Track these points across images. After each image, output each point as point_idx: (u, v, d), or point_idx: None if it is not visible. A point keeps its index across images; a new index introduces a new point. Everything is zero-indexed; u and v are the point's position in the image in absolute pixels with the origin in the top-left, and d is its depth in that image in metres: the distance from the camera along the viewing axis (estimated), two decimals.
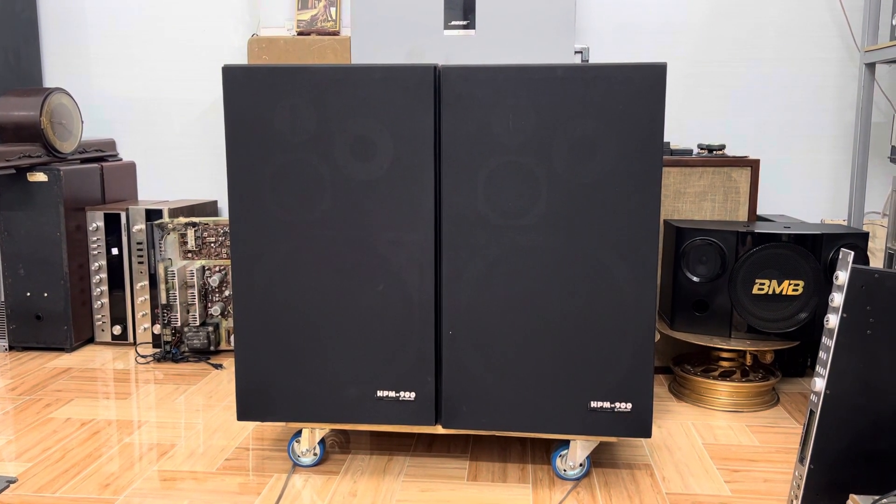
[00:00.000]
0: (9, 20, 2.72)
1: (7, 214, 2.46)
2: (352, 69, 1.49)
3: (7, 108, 2.45)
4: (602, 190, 1.49)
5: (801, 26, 2.61)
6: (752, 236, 1.97)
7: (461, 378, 1.57)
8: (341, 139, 1.51)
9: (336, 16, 2.52)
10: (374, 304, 1.57)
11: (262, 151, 1.53)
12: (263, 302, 1.58)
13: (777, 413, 2.01)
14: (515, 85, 1.47)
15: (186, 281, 2.42)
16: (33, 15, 2.86)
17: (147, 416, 1.99)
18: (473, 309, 1.55)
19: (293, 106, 1.51)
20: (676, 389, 2.15)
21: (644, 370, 1.53)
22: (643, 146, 1.47)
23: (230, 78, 1.52)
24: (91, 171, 2.62)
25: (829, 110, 2.64)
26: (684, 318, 2.05)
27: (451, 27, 1.68)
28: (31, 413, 2.00)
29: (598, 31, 2.68)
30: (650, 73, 1.45)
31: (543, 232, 1.51)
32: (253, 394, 1.62)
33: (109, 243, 2.56)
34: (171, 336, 2.46)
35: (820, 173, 2.68)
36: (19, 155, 2.38)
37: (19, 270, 2.49)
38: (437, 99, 1.50)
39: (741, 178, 2.21)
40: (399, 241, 1.54)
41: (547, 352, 1.55)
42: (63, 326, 2.51)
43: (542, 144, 1.48)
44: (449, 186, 1.52)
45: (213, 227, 2.46)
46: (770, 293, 1.98)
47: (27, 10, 2.83)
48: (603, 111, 1.46)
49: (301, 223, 1.55)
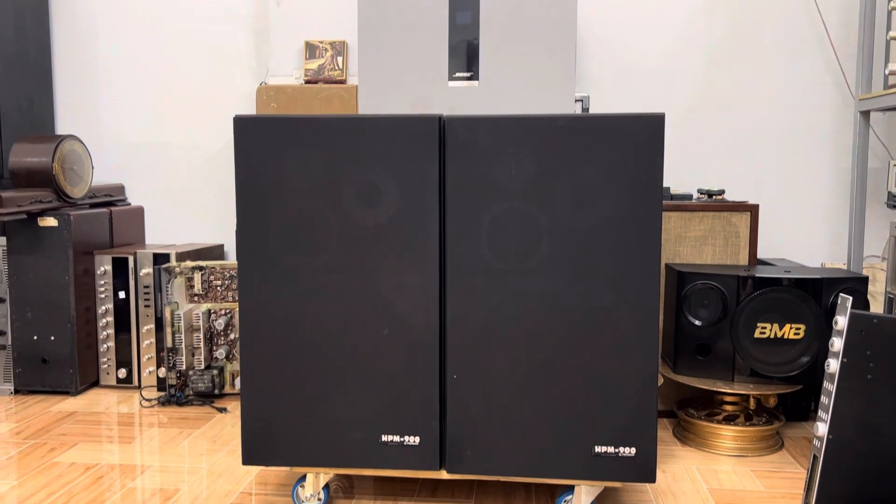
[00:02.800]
0: (23, 68, 2.80)
1: (17, 258, 2.49)
2: (359, 119, 1.54)
3: (21, 155, 2.51)
4: (603, 235, 1.52)
5: (797, 74, 2.67)
6: (753, 280, 1.99)
7: (465, 422, 1.58)
8: (348, 186, 1.55)
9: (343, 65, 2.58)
10: (378, 348, 1.58)
11: (271, 198, 1.57)
12: (269, 346, 1.60)
13: (781, 458, 2.01)
14: (518, 134, 1.51)
15: (192, 324, 2.44)
16: (47, 63, 2.94)
17: (151, 460, 1.99)
18: (477, 353, 1.56)
19: (302, 154, 1.55)
20: (680, 433, 2.15)
21: (648, 414, 1.54)
22: (643, 193, 1.50)
23: (241, 127, 1.56)
24: (100, 215, 2.66)
25: (826, 156, 2.69)
26: (687, 361, 2.06)
27: (455, 78, 1.73)
28: (35, 457, 2.01)
29: (598, 79, 2.75)
30: (649, 123, 1.49)
31: (546, 276, 1.54)
32: (258, 438, 1.63)
33: (116, 287, 2.59)
34: (176, 379, 2.47)
35: (818, 217, 2.71)
36: (31, 200, 2.43)
37: (27, 314, 2.51)
38: (442, 148, 1.54)
39: (741, 222, 2.24)
40: (404, 285, 1.56)
41: (550, 395, 1.56)
42: (69, 370, 2.52)
43: (544, 191, 1.52)
44: (453, 232, 1.55)
45: (220, 271, 2.49)
46: (772, 337, 1.99)
47: (41, 58, 2.90)
48: (603, 159, 1.50)
49: (307, 268, 1.58)
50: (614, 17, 2.72)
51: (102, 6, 2.94)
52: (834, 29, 2.64)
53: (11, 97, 2.74)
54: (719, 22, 2.69)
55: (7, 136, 2.70)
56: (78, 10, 2.95)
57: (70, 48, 2.97)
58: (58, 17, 2.97)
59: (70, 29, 2.97)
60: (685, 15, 2.70)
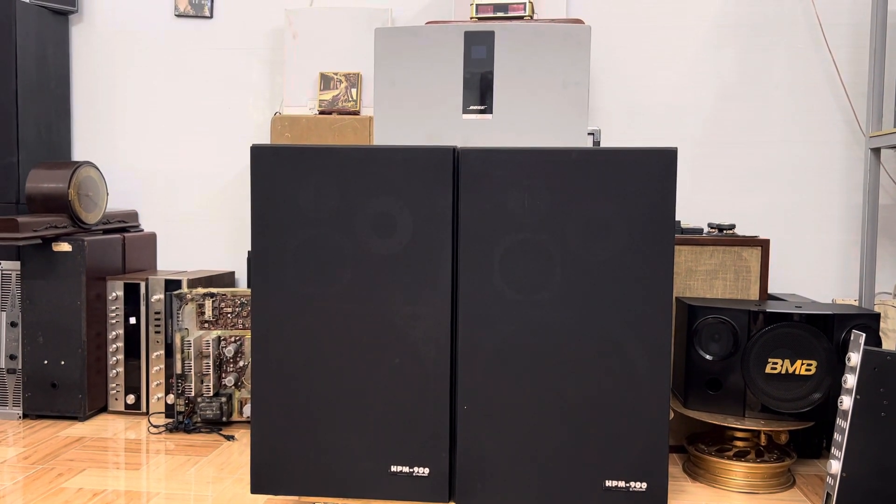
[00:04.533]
0: (43, 96, 2.85)
1: (30, 283, 2.51)
2: (374, 150, 1.56)
3: (37, 181, 2.54)
4: (615, 268, 1.52)
5: (807, 110, 2.69)
6: (765, 315, 1.98)
7: (476, 454, 1.57)
8: (363, 216, 1.57)
9: (357, 96, 2.62)
10: (389, 377, 1.58)
11: (286, 226, 1.58)
12: (281, 374, 1.61)
13: (793, 496, 1.99)
14: (531, 167, 1.53)
15: (202, 351, 2.45)
16: (66, 91, 2.99)
17: (157, 487, 1.98)
18: (488, 384, 1.56)
19: (317, 184, 1.57)
20: (691, 469, 2.13)
21: (659, 449, 1.53)
22: (656, 227, 1.51)
23: (258, 156, 1.58)
24: (113, 241, 2.69)
25: (837, 192, 2.70)
26: (698, 396, 2.05)
27: (469, 111, 1.75)
28: (43, 483, 2.00)
29: (609, 113, 2.77)
30: (662, 158, 1.50)
31: (557, 308, 1.54)
32: (267, 466, 1.62)
33: (127, 312, 2.60)
34: (185, 406, 2.46)
35: (829, 253, 2.71)
36: (46, 226, 2.45)
37: (38, 338, 2.52)
38: (456, 179, 1.56)
39: (752, 257, 2.24)
40: (416, 315, 1.57)
41: (561, 429, 1.55)
42: (78, 395, 2.52)
43: (557, 223, 1.53)
44: (466, 262, 1.56)
45: (231, 298, 2.50)
46: (783, 372, 1.98)
47: (61, 86, 2.95)
48: (616, 192, 1.51)
49: (320, 296, 1.59)
50: (626, 53, 2.76)
51: (121, 37, 3.00)
52: (844, 66, 2.66)
53: (31, 124, 2.78)
54: (729, 58, 2.72)
55: (25, 161, 2.74)
56: (97, 41, 3.01)
57: (88, 77, 3.03)
58: (77, 48, 3.02)
59: (89, 59, 3.02)
60: (696, 51, 2.73)
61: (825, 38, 2.66)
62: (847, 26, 2.66)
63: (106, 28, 3.01)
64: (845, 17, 2.66)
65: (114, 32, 3.01)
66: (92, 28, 3.02)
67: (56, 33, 2.92)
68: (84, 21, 3.02)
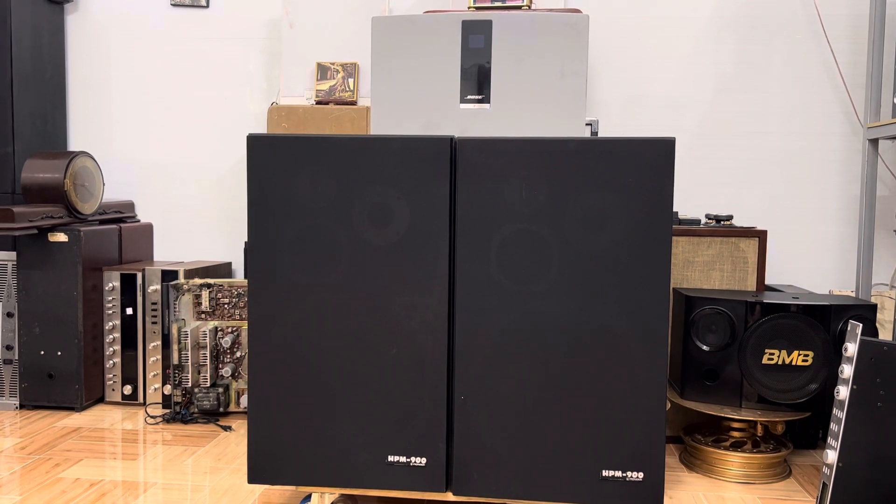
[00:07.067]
0: (38, 86, 2.83)
1: (26, 273, 2.51)
2: (371, 140, 1.55)
3: (33, 171, 2.53)
4: (613, 258, 1.52)
5: (805, 102, 2.69)
6: (762, 306, 1.98)
7: (473, 444, 1.57)
8: (360, 206, 1.56)
9: (353, 86, 2.61)
10: (387, 367, 1.58)
11: (283, 216, 1.58)
12: (278, 364, 1.60)
13: (789, 486, 1.99)
14: (528, 157, 1.52)
15: (199, 342, 2.44)
16: (62, 81, 2.97)
17: (154, 477, 1.98)
18: (485, 374, 1.56)
19: (314, 173, 1.56)
20: (687, 459, 2.13)
21: (656, 439, 1.54)
22: (653, 217, 1.51)
23: (255, 146, 1.58)
24: (110, 231, 2.68)
25: (835, 183, 2.70)
26: (694, 387, 2.05)
27: (466, 101, 1.75)
28: (39, 473, 2.00)
29: (608, 103, 2.76)
30: (660, 148, 1.50)
31: (555, 298, 1.54)
32: (265, 456, 1.62)
33: (124, 303, 2.59)
34: (182, 397, 2.46)
35: (827, 244, 2.71)
36: (42, 216, 2.44)
37: (34, 329, 2.52)
38: (453, 169, 1.55)
39: (749, 248, 2.24)
40: (413, 305, 1.57)
41: (558, 419, 1.55)
42: (74, 385, 2.52)
43: (554, 213, 1.52)
44: (463, 252, 1.55)
45: (227, 289, 2.49)
46: (780, 363, 1.99)
47: (56, 77, 2.94)
48: (614, 183, 1.51)
49: (317, 286, 1.58)
50: (624, 43, 2.75)
51: (117, 26, 2.98)
52: (843, 57, 2.66)
53: (26, 114, 2.77)
54: (728, 49, 2.71)
55: (21, 151, 2.72)
56: (93, 31, 2.99)
57: (84, 67, 3.01)
58: (73, 37, 3.01)
59: (85, 48, 3.00)
60: (694, 42, 2.72)
61: (824, 30, 2.66)
62: (846, 17, 2.65)
63: (101, 17, 2.99)
64: (844, 9, 2.65)
65: (109, 21, 2.99)
66: (87, 17, 3.00)
67: (51, 22, 2.90)
68: (79, 10, 3.00)
